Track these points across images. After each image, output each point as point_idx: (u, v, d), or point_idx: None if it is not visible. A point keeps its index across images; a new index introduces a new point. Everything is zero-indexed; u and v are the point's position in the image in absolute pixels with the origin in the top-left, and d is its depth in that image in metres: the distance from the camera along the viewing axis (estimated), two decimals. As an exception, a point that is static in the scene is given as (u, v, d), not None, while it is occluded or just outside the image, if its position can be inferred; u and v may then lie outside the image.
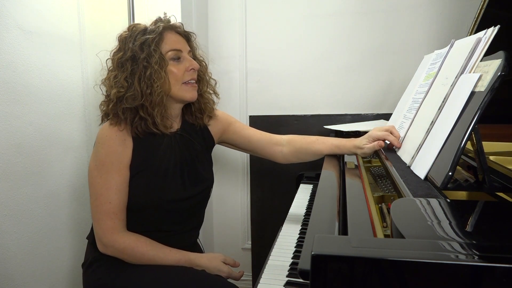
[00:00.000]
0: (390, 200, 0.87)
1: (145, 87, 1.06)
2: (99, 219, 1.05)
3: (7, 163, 1.15)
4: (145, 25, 1.13)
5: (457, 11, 1.69)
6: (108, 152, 1.06)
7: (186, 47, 1.15)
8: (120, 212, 1.06)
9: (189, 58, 1.14)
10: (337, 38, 1.85)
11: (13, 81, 1.16)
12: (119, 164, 1.06)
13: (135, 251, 1.04)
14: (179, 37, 1.15)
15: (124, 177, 1.07)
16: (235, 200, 2.11)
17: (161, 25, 1.11)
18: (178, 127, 1.20)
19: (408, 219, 0.55)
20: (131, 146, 1.09)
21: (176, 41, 1.12)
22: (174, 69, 1.10)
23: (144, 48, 1.07)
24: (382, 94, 1.84)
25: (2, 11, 1.12)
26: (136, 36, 1.09)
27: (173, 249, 1.08)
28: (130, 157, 1.08)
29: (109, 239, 1.04)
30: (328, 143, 1.25)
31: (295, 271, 0.92)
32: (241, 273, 1.15)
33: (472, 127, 0.67)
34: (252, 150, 1.33)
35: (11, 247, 1.18)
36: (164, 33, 1.11)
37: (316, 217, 0.75)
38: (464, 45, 0.90)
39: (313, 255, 0.42)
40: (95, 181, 1.06)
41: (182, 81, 1.11)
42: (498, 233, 0.52)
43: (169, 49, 1.10)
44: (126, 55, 1.08)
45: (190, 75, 1.13)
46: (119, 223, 1.06)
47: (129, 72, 1.07)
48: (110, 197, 1.05)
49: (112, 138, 1.07)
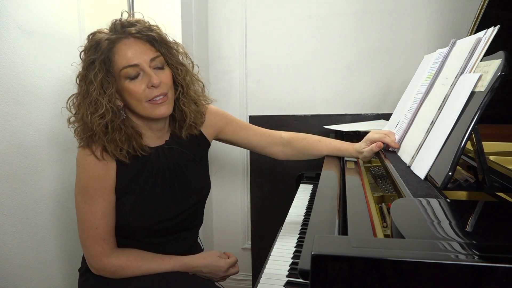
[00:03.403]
0: (390, 200, 0.87)
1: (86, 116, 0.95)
2: (87, 244, 1.00)
3: (7, 163, 1.15)
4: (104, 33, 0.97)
5: (457, 11, 1.69)
6: (90, 178, 0.97)
7: (147, 56, 0.96)
8: (108, 236, 1.01)
9: (149, 72, 0.95)
10: (337, 38, 1.85)
11: (13, 81, 1.16)
12: (103, 189, 0.98)
13: (127, 269, 1.01)
14: (137, 45, 0.96)
15: (109, 202, 1.00)
16: (235, 200, 2.11)
17: (111, 37, 0.95)
18: (166, 138, 1.10)
19: (408, 219, 0.55)
20: (115, 168, 1.00)
21: (130, 55, 0.95)
22: (132, 87, 0.95)
23: (90, 69, 0.95)
24: (382, 94, 1.84)
25: (2, 11, 1.12)
26: (88, 52, 0.96)
27: (166, 257, 1.05)
28: (115, 179, 1.00)
29: (99, 264, 1.00)
30: (330, 146, 1.24)
31: (295, 271, 0.91)
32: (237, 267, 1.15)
33: (472, 127, 0.67)
34: (251, 149, 1.31)
35: (11, 247, 1.17)
36: (116, 46, 0.95)
37: (316, 217, 0.75)
38: (464, 45, 0.90)
39: (313, 255, 0.42)
40: (79, 206, 1.00)
41: (144, 100, 0.97)
42: (498, 233, 0.52)
43: (122, 66, 0.95)
44: (80, 74, 0.98)
45: (153, 92, 0.97)
46: (107, 247, 1.00)
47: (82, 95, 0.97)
48: (96, 223, 0.98)
49: (92, 163, 0.97)
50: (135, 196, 1.03)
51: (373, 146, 1.08)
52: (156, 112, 0.99)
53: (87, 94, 0.96)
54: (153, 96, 0.97)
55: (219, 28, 1.99)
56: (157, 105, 0.98)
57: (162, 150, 1.08)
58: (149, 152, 1.04)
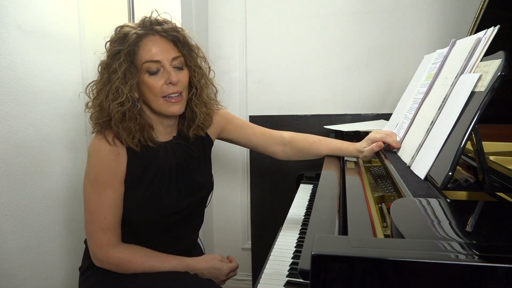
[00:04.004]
0: (390, 200, 0.87)
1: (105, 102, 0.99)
2: (93, 235, 1.01)
3: (7, 163, 1.15)
4: (132, 27, 1.02)
5: (457, 11, 1.69)
6: (102, 168, 1.00)
7: (170, 54, 1.02)
8: (115, 227, 1.03)
9: (169, 70, 1.01)
10: (337, 38, 1.85)
11: (13, 81, 1.16)
12: (113, 180, 1.01)
13: (130, 264, 1.02)
14: (162, 43, 1.02)
15: (119, 193, 1.03)
16: (235, 200, 2.11)
17: (139, 32, 1.00)
18: (174, 134, 1.14)
19: (408, 219, 0.55)
20: (126, 160, 1.03)
21: (155, 51, 1.00)
22: (151, 82, 1.00)
23: (114, 59, 0.99)
24: (382, 94, 1.84)
25: (2, 11, 1.12)
26: (114, 43, 1.01)
27: (169, 256, 1.06)
28: (125, 171, 1.03)
29: (104, 255, 1.01)
30: (331, 145, 1.24)
31: (295, 271, 0.92)
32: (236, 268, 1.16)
33: (472, 127, 0.66)
34: (252, 148, 1.31)
35: (11, 247, 1.18)
36: (142, 40, 1.00)
37: (316, 217, 0.75)
38: (464, 45, 0.90)
39: (313, 255, 0.42)
40: (89, 196, 1.01)
41: (161, 95, 1.02)
42: (498, 233, 0.52)
43: (145, 60, 1.00)
44: (104, 62, 1.02)
45: (170, 89, 1.01)
46: (114, 238, 1.02)
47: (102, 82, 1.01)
48: (105, 213, 1.00)
49: (105, 153, 1.00)
50: (143, 189, 1.05)
51: (374, 145, 1.08)
52: (169, 109, 1.03)
53: (109, 82, 1.00)
54: (169, 93, 1.02)
55: (219, 28, 1.99)
56: (171, 103, 1.03)
57: (170, 145, 1.11)
58: (159, 145, 1.08)
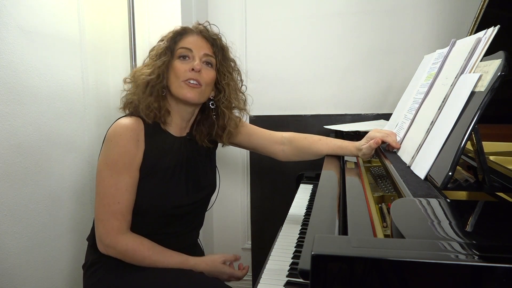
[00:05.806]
0: (390, 200, 0.87)
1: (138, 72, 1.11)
2: (104, 219, 1.03)
3: (7, 163, 1.15)
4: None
5: (457, 11, 1.69)
6: (122, 152, 1.03)
7: (203, 50, 1.12)
8: (127, 213, 1.05)
9: (197, 59, 1.10)
10: (336, 38, 1.85)
11: (13, 81, 1.16)
12: (131, 165, 1.04)
13: (136, 254, 1.03)
14: (200, 40, 1.14)
15: (134, 179, 1.05)
16: (235, 200, 2.11)
17: (188, 27, 1.15)
18: (188, 131, 1.19)
19: (408, 219, 0.55)
20: (143, 148, 1.07)
21: (191, 41, 1.12)
22: (178, 65, 1.09)
23: (159, 43, 1.13)
24: (382, 94, 1.84)
25: (2, 11, 1.12)
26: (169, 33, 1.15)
27: (175, 253, 1.07)
28: (141, 158, 1.06)
29: (112, 240, 1.02)
30: (331, 144, 1.24)
31: (295, 271, 0.92)
32: (246, 269, 1.14)
33: (472, 127, 0.66)
34: (253, 148, 1.32)
35: (11, 247, 1.18)
36: (186, 33, 1.14)
37: (316, 217, 0.75)
38: (464, 45, 0.90)
39: (313, 255, 0.42)
40: (105, 180, 1.03)
41: (181, 79, 1.08)
42: (498, 233, 0.52)
43: (180, 46, 1.11)
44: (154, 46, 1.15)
45: (191, 74, 1.09)
46: (124, 224, 1.04)
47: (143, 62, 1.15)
48: (119, 198, 1.02)
49: (127, 137, 1.04)
50: (156, 179, 1.08)
51: (371, 142, 1.07)
52: (184, 92, 1.08)
53: (147, 59, 1.14)
54: (189, 78, 1.08)
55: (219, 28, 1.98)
56: (189, 88, 1.08)
57: (184, 140, 1.16)
58: (173, 138, 1.13)
